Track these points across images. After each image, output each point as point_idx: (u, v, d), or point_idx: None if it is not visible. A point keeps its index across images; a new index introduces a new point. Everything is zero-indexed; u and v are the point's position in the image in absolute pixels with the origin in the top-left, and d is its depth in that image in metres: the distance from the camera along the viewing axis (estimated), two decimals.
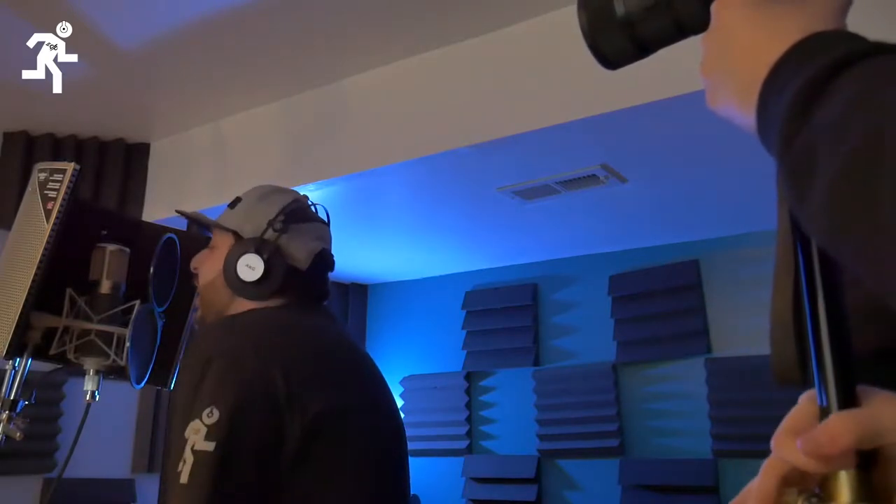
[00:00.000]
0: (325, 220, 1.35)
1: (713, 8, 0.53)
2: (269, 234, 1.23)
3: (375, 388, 1.20)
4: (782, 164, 0.42)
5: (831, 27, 0.46)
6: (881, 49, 0.40)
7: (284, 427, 0.99)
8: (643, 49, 0.62)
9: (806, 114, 0.40)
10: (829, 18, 0.48)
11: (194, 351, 1.06)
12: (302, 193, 1.35)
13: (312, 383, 1.04)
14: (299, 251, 1.25)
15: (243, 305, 1.23)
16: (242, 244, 1.23)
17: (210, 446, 0.93)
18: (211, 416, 0.95)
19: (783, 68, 0.45)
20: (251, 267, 1.20)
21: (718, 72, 0.52)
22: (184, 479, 0.93)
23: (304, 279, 1.25)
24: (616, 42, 0.61)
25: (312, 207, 1.34)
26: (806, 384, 0.43)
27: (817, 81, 0.40)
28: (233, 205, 1.30)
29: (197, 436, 0.94)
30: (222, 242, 1.28)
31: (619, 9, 0.60)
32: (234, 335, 1.07)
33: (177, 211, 1.45)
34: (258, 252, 1.21)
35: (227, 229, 1.27)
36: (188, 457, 0.94)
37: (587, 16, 0.62)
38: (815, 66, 0.41)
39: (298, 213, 1.28)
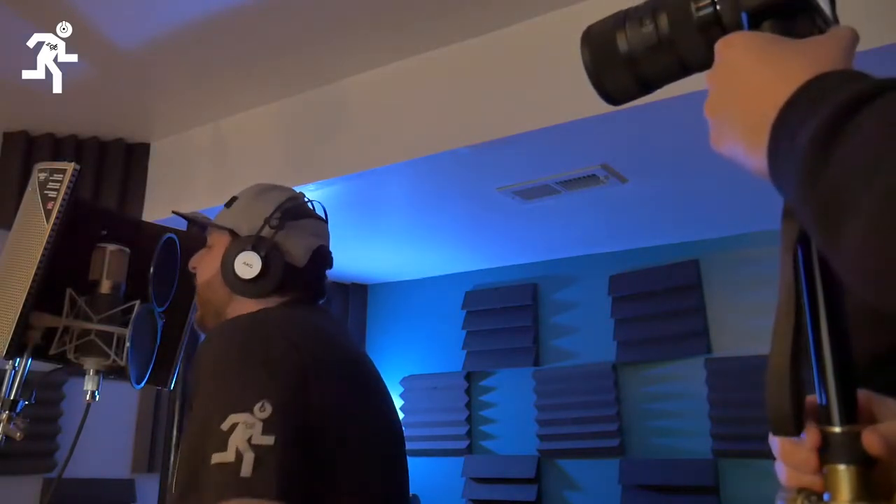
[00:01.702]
0: (323, 216, 1.34)
1: (717, 47, 0.53)
2: (266, 231, 1.23)
3: (375, 388, 1.20)
4: (807, 204, 0.41)
5: (839, 67, 0.46)
6: (894, 85, 0.40)
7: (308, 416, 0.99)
8: (646, 86, 0.62)
9: (829, 152, 0.39)
10: (835, 59, 0.47)
11: (223, 347, 1.04)
12: (298, 191, 1.34)
13: (322, 375, 1.04)
14: (296, 248, 1.24)
15: (242, 304, 1.22)
16: (239, 242, 1.23)
17: (269, 440, 0.92)
18: (263, 410, 0.94)
19: (794, 109, 0.44)
20: (248, 264, 1.20)
21: (724, 112, 0.51)
22: (246, 472, 0.90)
23: (303, 277, 1.25)
24: (619, 80, 0.61)
25: (309, 204, 1.33)
26: (800, 435, 0.44)
27: (837, 119, 0.40)
28: (229, 204, 1.30)
29: (253, 430, 0.92)
30: (219, 241, 1.28)
31: (623, 46, 0.60)
32: (260, 332, 1.06)
33: (174, 212, 1.45)
34: (255, 249, 1.21)
35: (223, 228, 1.27)
36: (245, 450, 0.91)
37: (590, 53, 0.62)
38: (832, 104, 0.40)
39: (295, 210, 1.28)
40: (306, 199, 1.33)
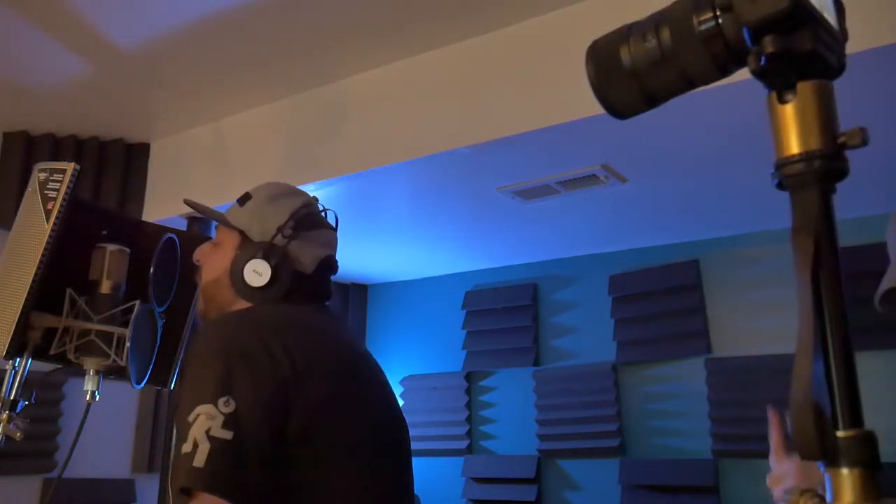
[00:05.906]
0: (334, 223, 1.34)
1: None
2: (279, 240, 1.22)
3: (374, 383, 1.20)
4: None
5: None
6: None
7: (290, 415, 0.99)
8: (652, 100, 0.62)
9: None
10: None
11: (205, 341, 1.06)
12: (312, 195, 1.33)
13: (315, 373, 1.04)
14: (306, 258, 1.24)
15: (246, 305, 1.23)
16: (250, 247, 1.22)
17: (228, 435, 0.93)
18: (228, 405, 0.95)
19: None
20: (258, 273, 1.20)
21: None
22: (199, 462, 0.91)
23: (308, 283, 1.25)
24: (624, 94, 0.62)
25: (322, 210, 1.32)
26: (825, 458, 0.44)
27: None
28: (242, 201, 1.29)
29: (213, 422, 0.93)
30: (228, 240, 1.27)
31: (626, 61, 0.60)
32: (245, 328, 1.07)
33: (185, 201, 1.42)
34: (266, 258, 1.20)
35: (234, 227, 1.26)
36: (202, 440, 0.92)
37: (595, 68, 0.62)
38: None
39: (308, 220, 1.27)
40: (320, 206, 1.32)
